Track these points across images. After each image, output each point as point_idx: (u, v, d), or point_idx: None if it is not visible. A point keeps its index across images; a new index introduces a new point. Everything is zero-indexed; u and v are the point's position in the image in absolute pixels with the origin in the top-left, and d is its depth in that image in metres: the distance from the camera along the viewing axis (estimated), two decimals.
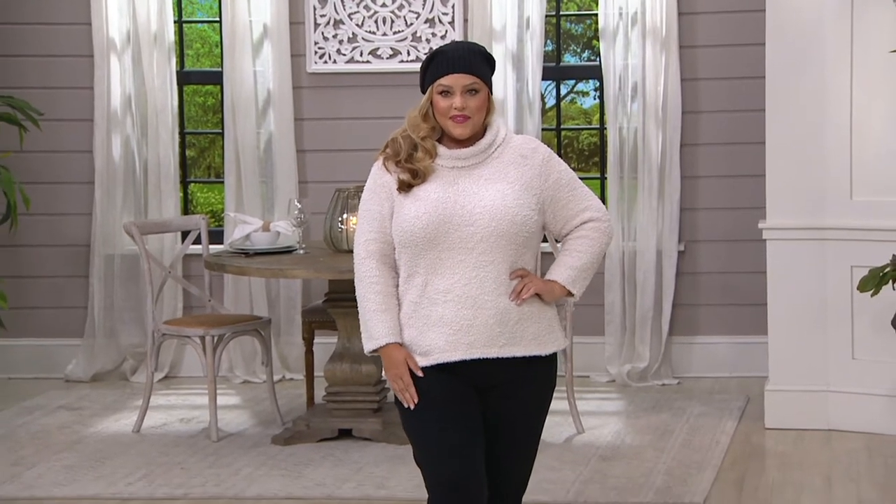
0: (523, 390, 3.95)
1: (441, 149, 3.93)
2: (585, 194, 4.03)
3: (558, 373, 6.70)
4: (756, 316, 7.44)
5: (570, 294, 4.01)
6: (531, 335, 3.92)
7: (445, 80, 3.89)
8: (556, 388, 6.05)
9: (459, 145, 3.94)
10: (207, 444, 6.66)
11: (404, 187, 3.91)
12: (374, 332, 3.91)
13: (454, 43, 3.99)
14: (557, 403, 6.78)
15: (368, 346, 3.94)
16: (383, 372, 3.98)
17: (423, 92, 3.95)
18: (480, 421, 3.91)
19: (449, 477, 3.83)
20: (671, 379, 7.81)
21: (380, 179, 3.96)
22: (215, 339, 6.70)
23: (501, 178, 3.91)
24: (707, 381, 7.80)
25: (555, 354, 4.00)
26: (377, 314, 3.91)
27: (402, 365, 3.89)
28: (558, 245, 4.09)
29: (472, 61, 3.91)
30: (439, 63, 3.91)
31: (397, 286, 3.94)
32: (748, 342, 7.75)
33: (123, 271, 8.09)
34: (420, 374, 3.88)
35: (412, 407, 3.89)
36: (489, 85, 3.94)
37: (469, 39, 7.70)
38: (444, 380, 3.88)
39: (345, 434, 6.58)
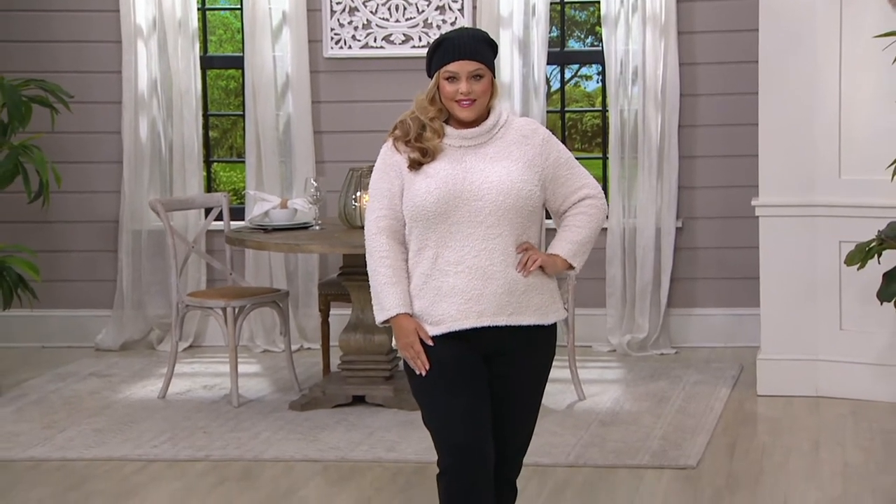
0: (527, 358, 3.98)
1: (448, 129, 3.95)
2: (582, 173, 4.06)
3: (561, 343, 6.76)
4: (750, 289, 7.44)
5: (570, 267, 4.03)
6: (536, 305, 3.95)
7: (452, 67, 3.91)
8: (560, 357, 6.08)
9: (465, 126, 3.96)
10: (229, 409, 6.70)
11: (415, 165, 3.93)
12: (386, 303, 3.93)
13: (459, 30, 4.00)
14: (560, 372, 6.86)
15: (380, 316, 3.95)
16: (393, 341, 4.00)
17: (430, 76, 3.97)
18: (487, 386, 3.93)
19: (461, 440, 3.85)
20: (669, 349, 7.83)
21: (390, 159, 3.98)
22: (236, 310, 6.73)
23: (506, 157, 3.94)
24: (703, 350, 7.82)
25: (555, 324, 4.02)
26: (388, 286, 3.93)
27: (413, 334, 3.90)
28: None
29: (477, 48, 3.93)
30: (445, 50, 3.93)
31: (406, 260, 3.96)
32: (742, 314, 7.76)
33: (150, 246, 8.12)
34: (430, 342, 3.90)
35: (424, 374, 3.91)
36: (492, 70, 3.96)
37: (477, 26, 7.70)
38: (454, 347, 3.90)
39: (358, 400, 6.60)
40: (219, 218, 7.31)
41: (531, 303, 3.94)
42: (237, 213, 7.98)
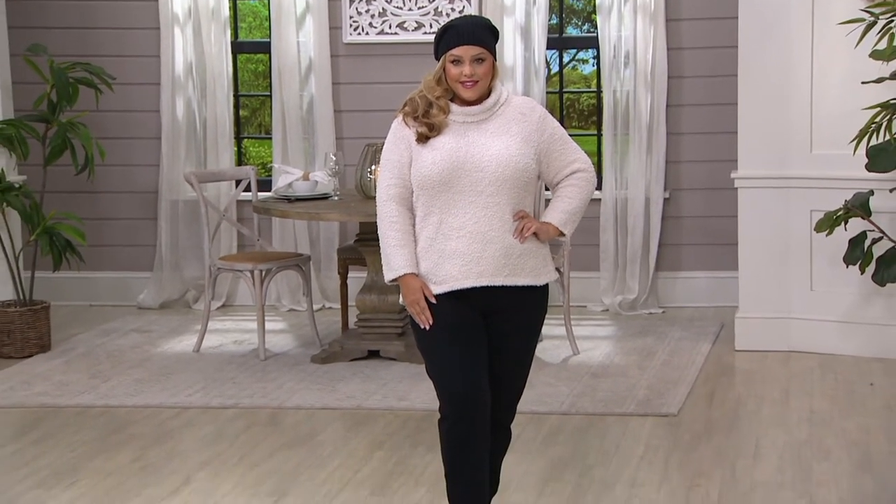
0: (521, 315, 4.02)
1: (453, 106, 3.98)
2: (574, 148, 4.08)
3: (557, 303, 6.79)
4: (730, 254, 7.45)
5: (561, 234, 4.06)
6: (529, 268, 3.99)
7: (456, 51, 3.93)
8: (556, 316, 6.08)
9: (468, 104, 3.99)
10: (256, 362, 6.76)
11: (422, 139, 3.96)
12: (394, 263, 3.96)
13: (464, 17, 4.03)
14: (556, 329, 6.92)
15: (389, 275, 3.98)
16: (401, 299, 4.05)
17: (437, 60, 4.00)
18: (485, 340, 3.98)
19: (459, 388, 3.90)
20: (657, 308, 7.87)
21: (400, 133, 4.01)
22: (263, 273, 6.78)
23: (505, 132, 3.97)
24: (688, 310, 7.85)
25: (547, 285, 4.06)
26: (397, 248, 3.96)
27: (419, 292, 3.94)
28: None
29: (480, 34, 3.96)
30: (451, 36, 3.95)
31: (413, 225, 4.00)
32: (723, 276, 7.79)
33: (186, 214, 8.17)
34: (434, 300, 3.94)
35: (428, 328, 3.95)
36: (494, 54, 3.99)
37: (483, 14, 7.72)
38: (455, 305, 3.94)
39: (373, 354, 6.66)
40: (247, 189, 7.37)
41: (525, 265, 3.98)
42: (264, 185, 8.03)
